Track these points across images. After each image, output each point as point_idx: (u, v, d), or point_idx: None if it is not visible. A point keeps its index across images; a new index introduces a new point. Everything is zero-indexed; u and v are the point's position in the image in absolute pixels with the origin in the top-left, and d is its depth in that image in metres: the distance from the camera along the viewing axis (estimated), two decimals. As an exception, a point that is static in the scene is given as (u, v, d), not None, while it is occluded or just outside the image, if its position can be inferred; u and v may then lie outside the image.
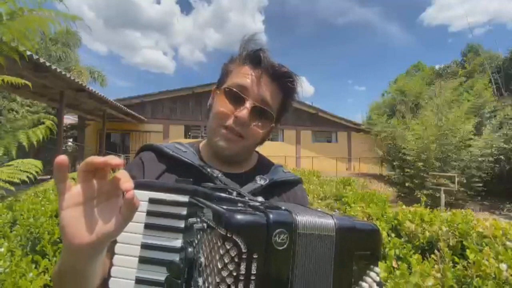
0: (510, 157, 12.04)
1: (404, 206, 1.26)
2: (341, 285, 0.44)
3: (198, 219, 0.45)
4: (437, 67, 24.12)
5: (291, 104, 0.74)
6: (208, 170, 0.65)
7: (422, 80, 15.69)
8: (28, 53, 5.75)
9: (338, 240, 0.43)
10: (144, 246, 0.48)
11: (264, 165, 0.79)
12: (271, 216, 0.38)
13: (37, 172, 3.09)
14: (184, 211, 0.49)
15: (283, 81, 0.68)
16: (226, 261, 0.37)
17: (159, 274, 0.48)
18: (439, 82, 15.17)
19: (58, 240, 1.49)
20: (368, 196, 1.55)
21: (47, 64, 6.39)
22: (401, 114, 14.09)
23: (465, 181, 10.76)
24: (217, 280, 0.37)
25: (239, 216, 0.38)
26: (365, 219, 1.17)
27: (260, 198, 0.53)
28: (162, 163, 0.68)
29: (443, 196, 9.20)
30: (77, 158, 13.89)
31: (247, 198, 0.51)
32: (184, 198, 0.49)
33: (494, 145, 11.51)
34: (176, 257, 0.47)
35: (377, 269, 0.47)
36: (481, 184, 11.08)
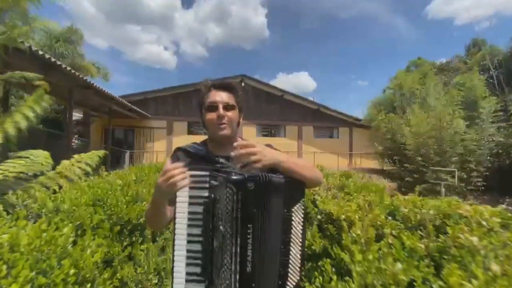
0: (509, 152, 12.15)
1: (400, 195, 1.46)
2: (289, 205, 0.94)
3: (214, 181, 0.88)
4: (438, 62, 24.05)
5: (241, 98, 1.18)
6: (216, 158, 1.08)
7: (422, 75, 15.71)
8: (40, 52, 5.94)
9: (286, 186, 0.92)
10: (190, 197, 0.89)
11: None
12: (246, 175, 0.87)
13: (48, 163, 3.12)
14: (207, 179, 0.90)
15: (229, 89, 1.14)
16: (227, 195, 0.87)
17: (198, 208, 0.89)
18: (440, 77, 15.26)
19: (95, 225, 1.69)
20: (367, 187, 1.74)
21: (58, 63, 6.57)
22: (400, 110, 14.21)
23: (465, 176, 10.88)
24: (225, 203, 0.87)
25: (232, 177, 0.87)
26: (366, 206, 1.37)
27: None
28: (188, 157, 1.12)
29: (443, 190, 9.36)
30: (83, 154, 14.12)
31: (237, 169, 0.94)
32: (206, 173, 0.90)
33: (493, 139, 11.64)
34: (206, 200, 0.88)
35: (303, 199, 0.99)
36: (481, 179, 11.20)
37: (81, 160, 3.22)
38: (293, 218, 0.95)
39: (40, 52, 5.89)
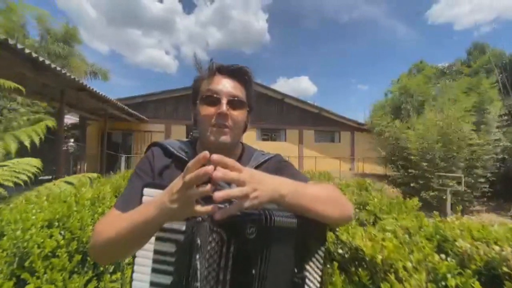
0: (516, 157, 11.80)
1: (449, 218, 1.09)
2: (302, 261, 0.62)
3: None
4: (440, 65, 23.78)
5: (252, 91, 0.90)
6: None
7: (426, 79, 15.42)
8: (27, 51, 5.61)
9: (299, 231, 0.59)
10: (160, 229, 0.62)
11: (247, 153, 0.92)
12: (245, 216, 0.53)
13: (34, 173, 2.90)
14: None
15: (239, 76, 0.83)
16: (213, 244, 0.54)
17: (170, 248, 0.65)
18: (444, 81, 14.95)
19: (49, 254, 1.32)
20: (396, 204, 1.38)
21: (47, 62, 6.23)
22: (406, 114, 13.90)
23: (472, 181, 10.56)
24: (207, 256, 0.55)
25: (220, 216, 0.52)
26: (406, 235, 1.00)
27: None
28: (167, 157, 0.83)
29: (449, 197, 8.99)
30: (79, 159, 13.75)
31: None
32: None
33: (501, 145, 11.31)
34: (181, 237, 0.63)
35: (322, 248, 0.66)
36: (487, 185, 10.88)
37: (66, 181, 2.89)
38: (307, 281, 0.64)
39: (27, 51, 5.56)
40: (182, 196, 0.51)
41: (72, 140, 15.38)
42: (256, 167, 0.83)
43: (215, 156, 0.52)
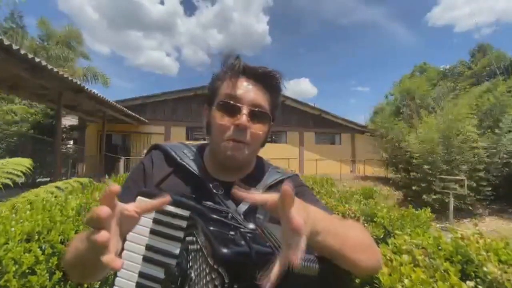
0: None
1: (467, 231, 0.97)
2: None
3: (194, 238, 0.53)
4: (441, 67, 23.74)
5: (279, 100, 0.78)
6: (210, 185, 0.68)
7: (428, 81, 15.33)
8: (23, 51, 5.52)
9: (319, 279, 0.47)
10: (148, 248, 0.57)
11: (260, 168, 0.80)
12: (253, 253, 0.43)
13: (24, 172, 2.76)
14: (184, 224, 0.57)
15: (267, 81, 0.71)
16: (210, 286, 0.44)
17: (158, 273, 0.56)
18: (444, 83, 14.85)
19: (27, 271, 1.20)
20: (407, 216, 1.26)
21: (43, 63, 6.14)
22: (408, 116, 13.80)
23: (474, 184, 10.43)
24: None
25: (225, 251, 0.42)
26: (426, 259, 0.88)
27: (251, 225, 0.55)
28: (169, 164, 0.73)
29: (451, 200, 8.88)
30: (78, 160, 13.64)
31: (240, 220, 0.57)
32: (186, 213, 0.57)
33: (507, 149, 11.17)
34: (173, 262, 0.56)
35: None
36: (490, 188, 10.76)
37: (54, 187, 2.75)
38: None
39: (23, 52, 5.46)
40: (87, 236, 0.40)
41: (71, 142, 15.29)
42: (271, 186, 0.74)
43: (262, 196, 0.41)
